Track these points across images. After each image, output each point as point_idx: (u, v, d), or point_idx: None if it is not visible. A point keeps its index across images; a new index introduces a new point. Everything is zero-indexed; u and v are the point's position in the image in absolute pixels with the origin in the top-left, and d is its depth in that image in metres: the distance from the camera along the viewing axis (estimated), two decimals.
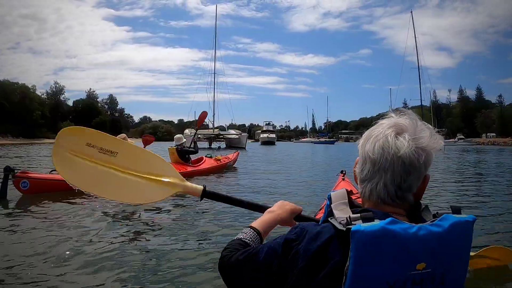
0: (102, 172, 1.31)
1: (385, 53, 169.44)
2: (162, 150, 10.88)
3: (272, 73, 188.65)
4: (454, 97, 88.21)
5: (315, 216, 1.36)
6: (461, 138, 61.72)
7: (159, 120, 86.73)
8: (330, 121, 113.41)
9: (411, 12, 41.78)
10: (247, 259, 0.79)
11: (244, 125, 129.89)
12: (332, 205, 0.76)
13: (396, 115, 0.77)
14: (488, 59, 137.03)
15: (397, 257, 0.63)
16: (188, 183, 1.34)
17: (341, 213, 0.73)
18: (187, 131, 33.06)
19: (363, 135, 0.78)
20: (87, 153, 1.32)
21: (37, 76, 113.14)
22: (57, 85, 73.01)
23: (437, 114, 40.17)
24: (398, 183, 0.72)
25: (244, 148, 31.05)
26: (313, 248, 0.69)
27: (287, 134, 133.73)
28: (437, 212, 0.71)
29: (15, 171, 5.04)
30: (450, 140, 51.02)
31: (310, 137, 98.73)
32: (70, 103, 76.21)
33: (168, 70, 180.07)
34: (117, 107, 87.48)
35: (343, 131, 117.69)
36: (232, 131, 38.01)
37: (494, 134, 67.85)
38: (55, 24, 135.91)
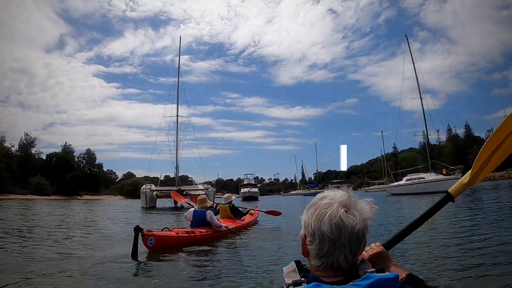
0: None
1: (372, 100, 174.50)
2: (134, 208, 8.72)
3: (260, 127, 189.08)
4: (442, 137, 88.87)
5: None
6: None
7: (144, 177, 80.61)
8: (320, 171, 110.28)
9: (406, 35, 37.84)
10: None
11: (232, 179, 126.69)
12: (283, 275, 0.92)
13: (332, 190, 0.94)
14: (471, 96, 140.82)
15: None
16: None
17: (289, 280, 0.87)
18: (143, 187, 28.59)
19: (309, 211, 0.93)
20: None
21: (25, 131, 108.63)
22: (28, 137, 67.56)
23: (429, 156, 38.25)
24: (354, 252, 0.89)
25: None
26: None
27: (276, 187, 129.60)
28: (365, 272, 0.84)
29: (143, 230, 5.74)
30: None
31: (300, 189, 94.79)
32: (44, 156, 70.56)
33: (157, 126, 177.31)
34: (95, 162, 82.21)
35: (333, 181, 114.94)
36: (200, 186, 31.24)
37: None
38: (45, 79, 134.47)
